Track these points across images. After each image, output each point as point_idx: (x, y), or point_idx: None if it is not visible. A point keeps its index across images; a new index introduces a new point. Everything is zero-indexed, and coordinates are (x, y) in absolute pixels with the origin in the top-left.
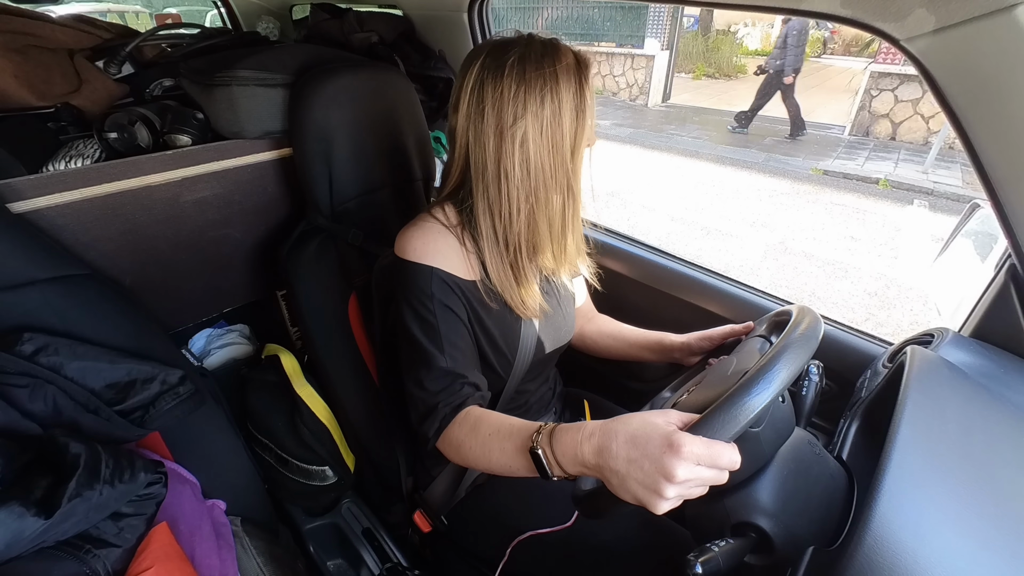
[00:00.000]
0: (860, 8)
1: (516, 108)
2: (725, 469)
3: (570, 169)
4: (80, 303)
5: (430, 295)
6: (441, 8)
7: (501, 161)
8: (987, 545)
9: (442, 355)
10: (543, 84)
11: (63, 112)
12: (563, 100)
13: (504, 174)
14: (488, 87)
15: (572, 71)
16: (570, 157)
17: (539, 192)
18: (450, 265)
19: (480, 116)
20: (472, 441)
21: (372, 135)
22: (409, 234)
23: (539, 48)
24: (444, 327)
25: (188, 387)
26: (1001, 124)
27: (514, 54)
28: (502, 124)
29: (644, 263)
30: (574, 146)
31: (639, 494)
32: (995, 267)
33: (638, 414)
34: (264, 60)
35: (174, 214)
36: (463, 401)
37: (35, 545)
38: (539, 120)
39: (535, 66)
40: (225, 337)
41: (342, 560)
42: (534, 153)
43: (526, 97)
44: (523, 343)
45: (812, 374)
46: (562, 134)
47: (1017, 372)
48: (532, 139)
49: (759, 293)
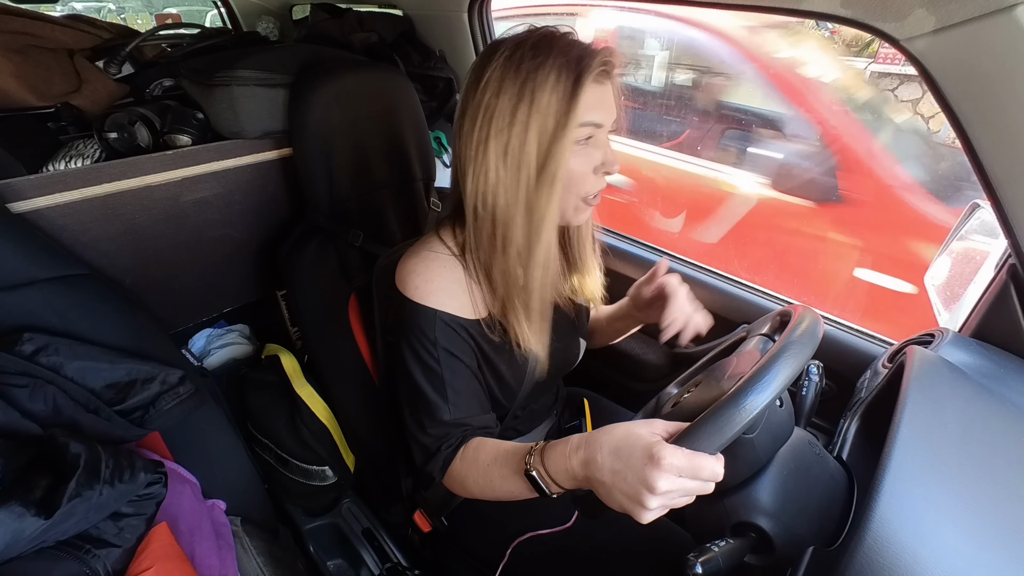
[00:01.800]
0: (860, 8)
1: (487, 121)
2: (708, 481)
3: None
4: (80, 303)
5: (434, 341)
6: (441, 8)
7: (467, 182)
8: (987, 545)
9: (446, 405)
10: (519, 92)
11: (63, 112)
12: (534, 110)
13: (474, 196)
14: (468, 96)
15: (566, 72)
16: (534, 180)
17: (497, 222)
18: (455, 305)
19: (458, 130)
20: (474, 473)
21: (372, 135)
22: (410, 267)
23: (533, 43)
24: (448, 375)
25: (188, 387)
26: (1001, 124)
27: (501, 55)
28: (471, 140)
29: (643, 263)
30: (542, 167)
31: (623, 504)
32: (995, 267)
33: (623, 425)
34: (264, 60)
35: (174, 214)
36: (464, 439)
37: (35, 545)
38: (503, 137)
39: (516, 69)
40: (225, 337)
41: (342, 560)
42: (494, 176)
43: (496, 108)
44: (529, 374)
45: (812, 374)
46: (525, 154)
47: (1017, 372)
48: (494, 158)
49: (759, 293)
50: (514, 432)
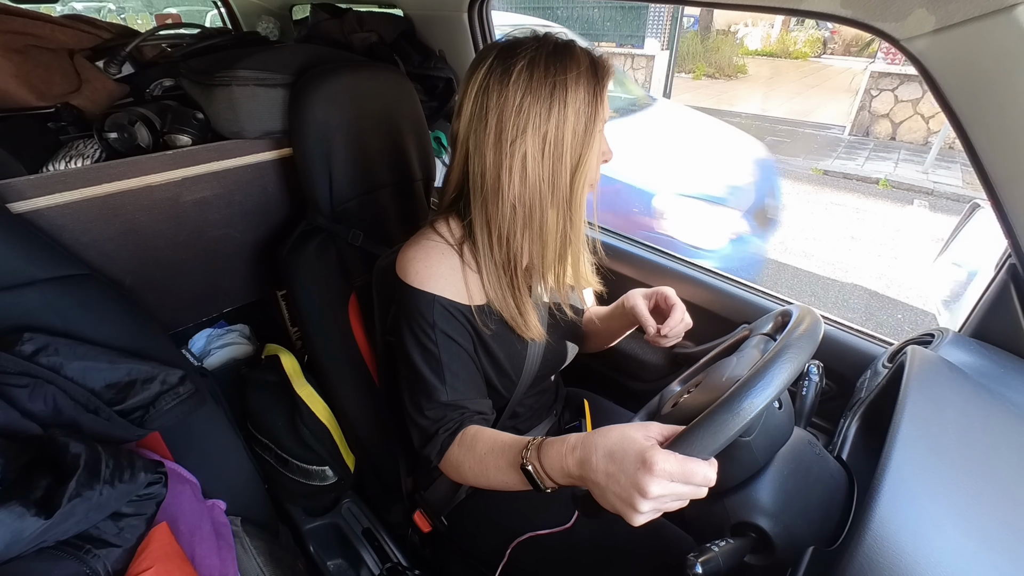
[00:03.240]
0: (860, 8)
1: (519, 119)
2: (700, 486)
3: (567, 188)
4: (80, 303)
5: (432, 324)
6: (441, 8)
7: (500, 175)
8: (987, 545)
9: (443, 387)
10: (550, 94)
11: (63, 112)
12: (569, 112)
13: (502, 189)
14: (493, 94)
15: (585, 79)
16: (570, 175)
17: (534, 212)
18: (453, 291)
19: (482, 124)
20: (470, 460)
21: (372, 135)
22: (410, 255)
23: (551, 51)
24: (446, 357)
25: (188, 387)
26: (1001, 124)
27: (523, 58)
28: (503, 135)
29: (643, 263)
30: (577, 163)
31: (616, 506)
32: (995, 267)
33: (619, 427)
34: (264, 60)
35: (174, 214)
36: (461, 424)
37: (35, 545)
38: (540, 134)
39: (543, 72)
40: (225, 337)
41: (342, 560)
42: (532, 169)
43: (530, 108)
44: (528, 363)
45: (812, 374)
46: (563, 149)
47: (1017, 372)
48: (531, 154)
49: (759, 293)
50: (514, 432)
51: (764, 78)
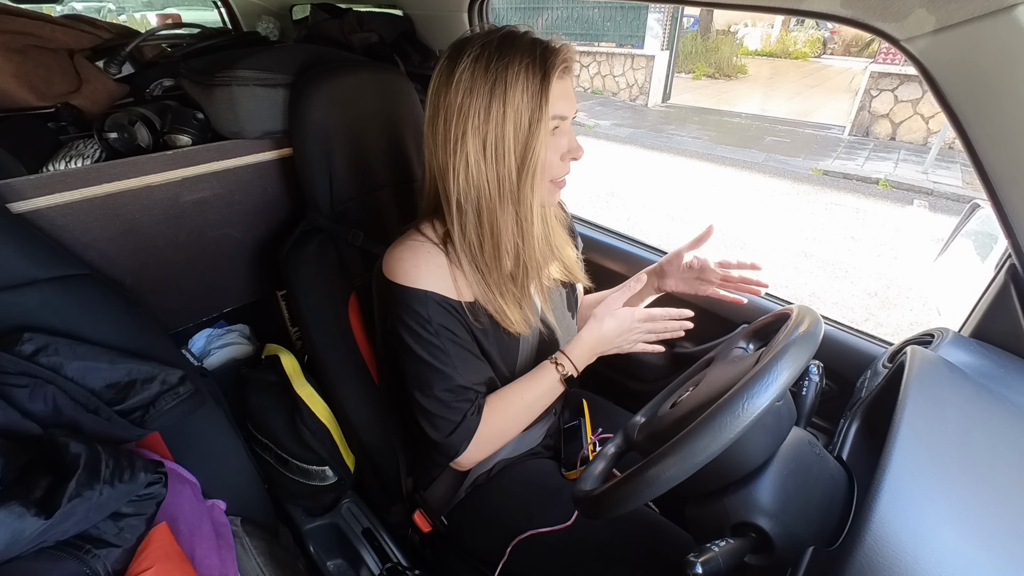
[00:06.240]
0: (860, 8)
1: (460, 120)
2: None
3: (515, 186)
4: (80, 303)
5: (429, 319)
6: (441, 8)
7: (447, 177)
8: (987, 545)
9: (456, 372)
10: (490, 91)
11: (63, 112)
12: (508, 110)
13: (450, 191)
14: (440, 95)
15: (529, 72)
16: (516, 173)
17: (482, 212)
18: (442, 287)
19: (431, 128)
20: (510, 411)
21: (372, 135)
22: (396, 255)
23: (496, 46)
24: (450, 347)
25: (188, 387)
26: (1001, 124)
27: (468, 56)
28: (449, 137)
29: (642, 262)
30: (523, 161)
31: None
32: (995, 267)
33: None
34: (264, 60)
35: (174, 214)
36: (479, 405)
37: (35, 545)
38: (480, 135)
39: (484, 70)
40: (225, 337)
41: (342, 560)
42: (475, 170)
43: (470, 108)
44: (521, 358)
45: (812, 374)
46: (505, 148)
47: (1017, 372)
48: (473, 155)
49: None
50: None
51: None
